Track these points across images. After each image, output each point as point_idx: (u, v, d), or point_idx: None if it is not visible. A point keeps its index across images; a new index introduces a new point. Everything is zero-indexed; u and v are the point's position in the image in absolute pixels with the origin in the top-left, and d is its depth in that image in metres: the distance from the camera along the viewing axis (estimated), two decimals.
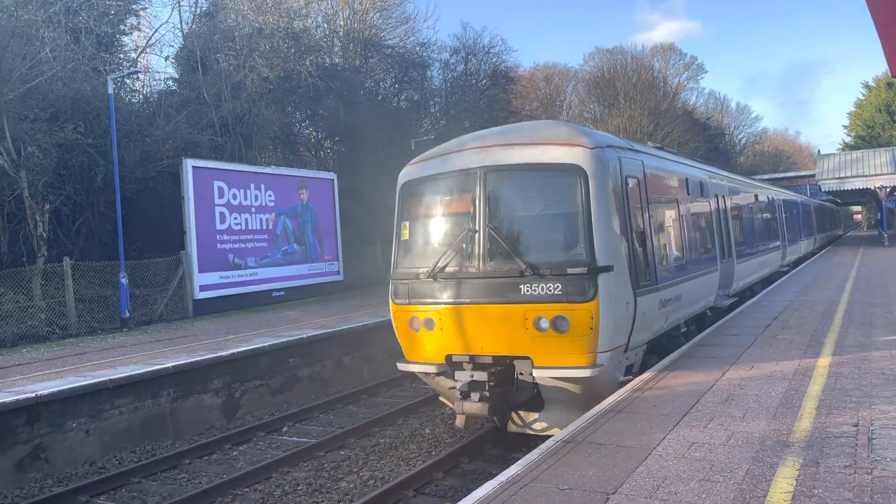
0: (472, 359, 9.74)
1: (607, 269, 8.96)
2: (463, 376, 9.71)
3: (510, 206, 9.70)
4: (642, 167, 10.82)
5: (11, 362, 14.45)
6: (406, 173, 10.97)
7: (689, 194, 13.36)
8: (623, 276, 9.28)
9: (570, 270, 8.93)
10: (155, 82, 29.13)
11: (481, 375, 9.51)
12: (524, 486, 5.72)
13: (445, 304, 9.78)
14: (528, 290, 9.09)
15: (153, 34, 29.34)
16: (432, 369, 10.20)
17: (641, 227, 10.28)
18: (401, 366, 10.70)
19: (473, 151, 10.09)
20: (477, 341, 9.63)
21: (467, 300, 9.59)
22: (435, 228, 10.46)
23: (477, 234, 9.62)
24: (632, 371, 10.00)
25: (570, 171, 9.24)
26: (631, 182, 10.18)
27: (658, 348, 11.26)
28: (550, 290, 8.99)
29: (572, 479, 5.76)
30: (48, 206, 20.05)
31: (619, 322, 9.13)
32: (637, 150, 11.11)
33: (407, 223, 10.73)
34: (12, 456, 10.42)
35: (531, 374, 9.30)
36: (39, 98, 20.44)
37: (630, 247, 9.63)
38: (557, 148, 9.50)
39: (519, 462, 6.38)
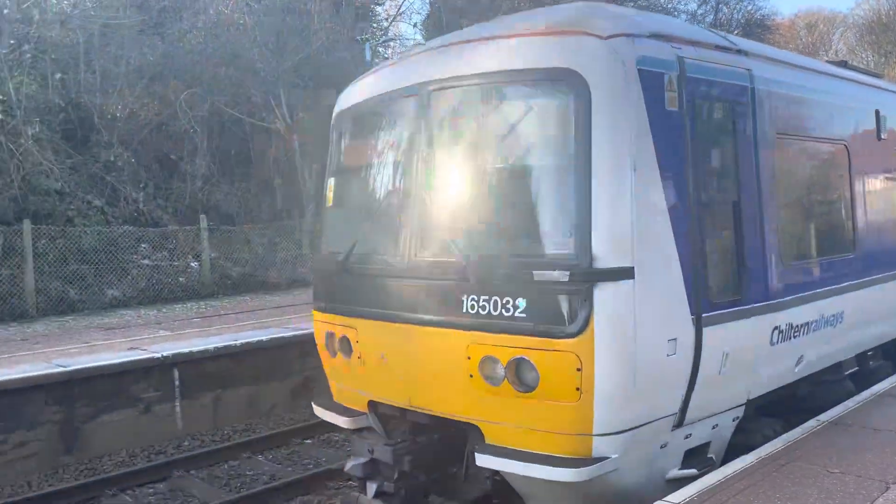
0: (404, 414, 6.15)
1: (618, 273, 4.94)
2: (358, 449, 6.33)
3: (458, 153, 5.82)
4: (748, 83, 6.20)
5: (287, 302, 16.41)
6: (342, 98, 7.17)
7: (870, 140, 8.16)
8: (664, 288, 5.22)
9: (537, 274, 5.03)
10: (404, 49, 30.88)
11: (384, 452, 6.02)
12: None
13: (363, 315, 6.15)
14: (472, 306, 5.29)
15: (403, 3, 31.05)
16: (344, 422, 6.55)
17: (734, 192, 5.94)
18: (316, 409, 7.12)
19: (422, 57, 6.31)
20: (405, 385, 5.88)
21: (391, 312, 5.85)
22: (362, 189, 6.75)
23: (406, 203, 5.85)
24: (703, 459, 5.88)
25: (556, 82, 5.26)
26: (715, 110, 5.95)
27: (787, 404, 7.00)
28: (508, 310, 5.12)
29: None
30: (315, 166, 22.22)
31: (648, 375, 5.08)
32: (739, 51, 6.41)
33: (332, 180, 7.12)
34: (287, 385, 11.90)
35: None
36: (309, 67, 22.61)
37: (693, 231, 5.43)
38: (538, 41, 5.46)
39: None
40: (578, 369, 4.92)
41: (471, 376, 5.32)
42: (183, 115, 20.39)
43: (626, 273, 4.96)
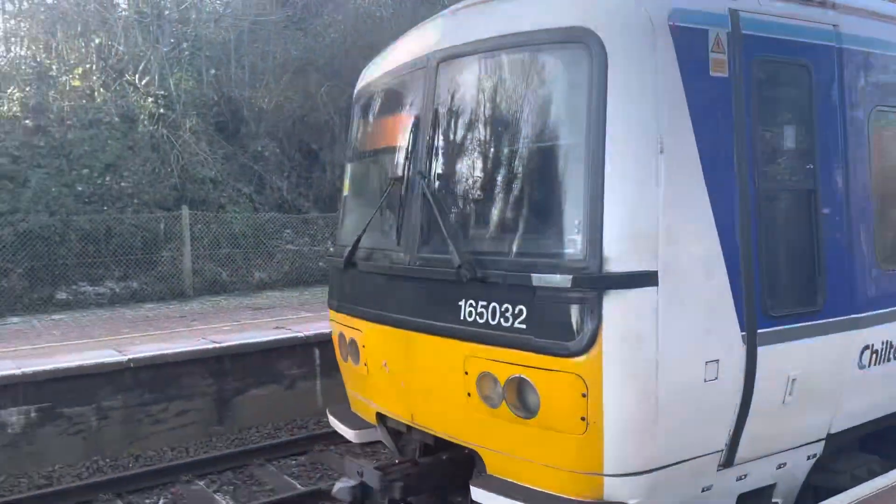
0: (410, 430, 5.53)
1: (636, 279, 4.08)
2: (348, 470, 5.63)
3: (460, 134, 5.08)
4: (834, 42, 4.93)
5: None
6: (362, 74, 6.65)
7: None
8: (701, 297, 4.29)
9: (536, 278, 4.28)
10: None
11: (372, 477, 5.25)
12: None
13: (367, 317, 5.60)
14: (470, 313, 4.60)
15: None
16: (352, 435, 6.07)
17: (810, 180, 4.80)
18: (330, 418, 6.61)
19: (434, 23, 5.55)
20: (407, 399, 5.28)
21: (391, 315, 5.27)
22: (371, 176, 6.27)
23: (409, 192, 5.20)
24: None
25: (566, 45, 4.42)
26: (783, 77, 4.78)
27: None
28: (507, 319, 4.40)
29: None
30: None
31: (679, 404, 4.23)
32: (822, 1, 5.02)
33: (348, 166, 6.69)
34: None
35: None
36: None
37: (747, 227, 4.43)
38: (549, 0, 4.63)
39: None
40: (584, 395, 4.04)
41: (468, 394, 4.60)
42: (323, 106, 21.24)
43: (646, 279, 4.03)
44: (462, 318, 4.62)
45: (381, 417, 5.82)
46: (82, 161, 16.64)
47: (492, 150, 4.93)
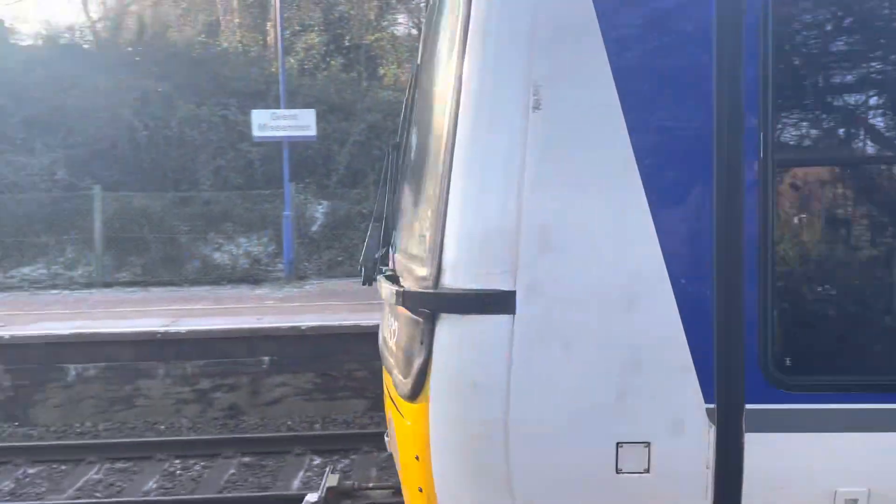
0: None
1: (477, 302, 2.78)
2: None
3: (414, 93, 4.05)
4: None
5: None
6: None
7: None
8: (616, 340, 2.80)
9: (385, 285, 3.46)
10: None
11: (311, 497, 4.63)
12: None
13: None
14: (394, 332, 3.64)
15: None
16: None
17: (854, 149, 3.07)
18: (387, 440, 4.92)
19: None
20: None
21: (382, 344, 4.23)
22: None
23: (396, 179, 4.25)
24: None
25: None
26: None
27: None
28: (391, 335, 3.67)
29: None
30: None
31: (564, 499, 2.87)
32: None
33: None
34: None
35: None
36: None
37: (724, 231, 2.82)
38: None
39: None
40: (416, 458, 2.98)
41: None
42: None
43: (494, 302, 2.74)
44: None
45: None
46: None
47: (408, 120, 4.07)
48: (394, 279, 3.33)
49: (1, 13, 27.17)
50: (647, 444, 2.80)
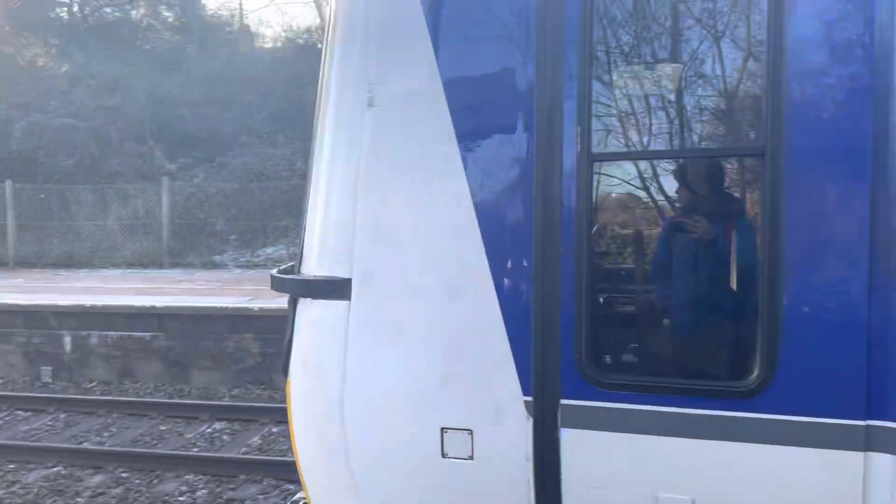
0: None
1: (323, 288, 3.02)
2: None
3: None
4: None
5: None
6: None
7: None
8: (438, 328, 2.91)
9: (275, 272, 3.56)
10: None
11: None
12: None
13: None
14: None
15: None
16: None
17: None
18: None
19: None
20: None
21: None
22: None
23: None
24: None
25: None
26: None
27: None
28: None
29: None
30: None
31: (393, 482, 3.02)
32: None
33: None
34: None
35: None
36: None
37: (547, 224, 2.77)
38: None
39: None
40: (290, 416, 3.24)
41: None
42: None
43: (335, 289, 2.93)
44: None
45: None
46: None
47: None
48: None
49: (248, 20, 30.42)
50: (470, 432, 2.85)
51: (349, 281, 2.94)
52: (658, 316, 3.08)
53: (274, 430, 8.46)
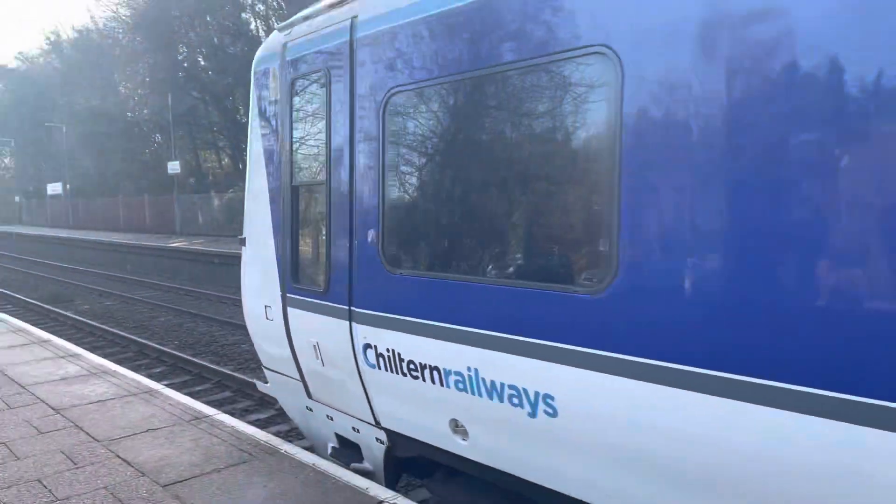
0: None
1: (244, 241, 6.40)
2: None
3: None
4: (349, 34, 4.66)
5: None
6: None
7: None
8: (260, 260, 6.07)
9: None
10: None
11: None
12: None
13: None
14: None
15: None
16: None
17: (324, 171, 5.03)
18: None
19: None
20: None
21: None
22: None
23: None
24: (355, 456, 5.39)
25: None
26: (309, 85, 5.16)
27: None
28: None
29: None
30: None
31: (258, 327, 6.26)
32: None
33: None
34: None
35: None
36: None
37: (283, 212, 5.53)
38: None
39: None
40: None
41: None
42: None
43: (243, 242, 6.24)
44: None
45: None
46: None
47: None
48: None
49: None
50: (269, 307, 5.77)
51: (245, 238, 6.15)
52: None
53: None
